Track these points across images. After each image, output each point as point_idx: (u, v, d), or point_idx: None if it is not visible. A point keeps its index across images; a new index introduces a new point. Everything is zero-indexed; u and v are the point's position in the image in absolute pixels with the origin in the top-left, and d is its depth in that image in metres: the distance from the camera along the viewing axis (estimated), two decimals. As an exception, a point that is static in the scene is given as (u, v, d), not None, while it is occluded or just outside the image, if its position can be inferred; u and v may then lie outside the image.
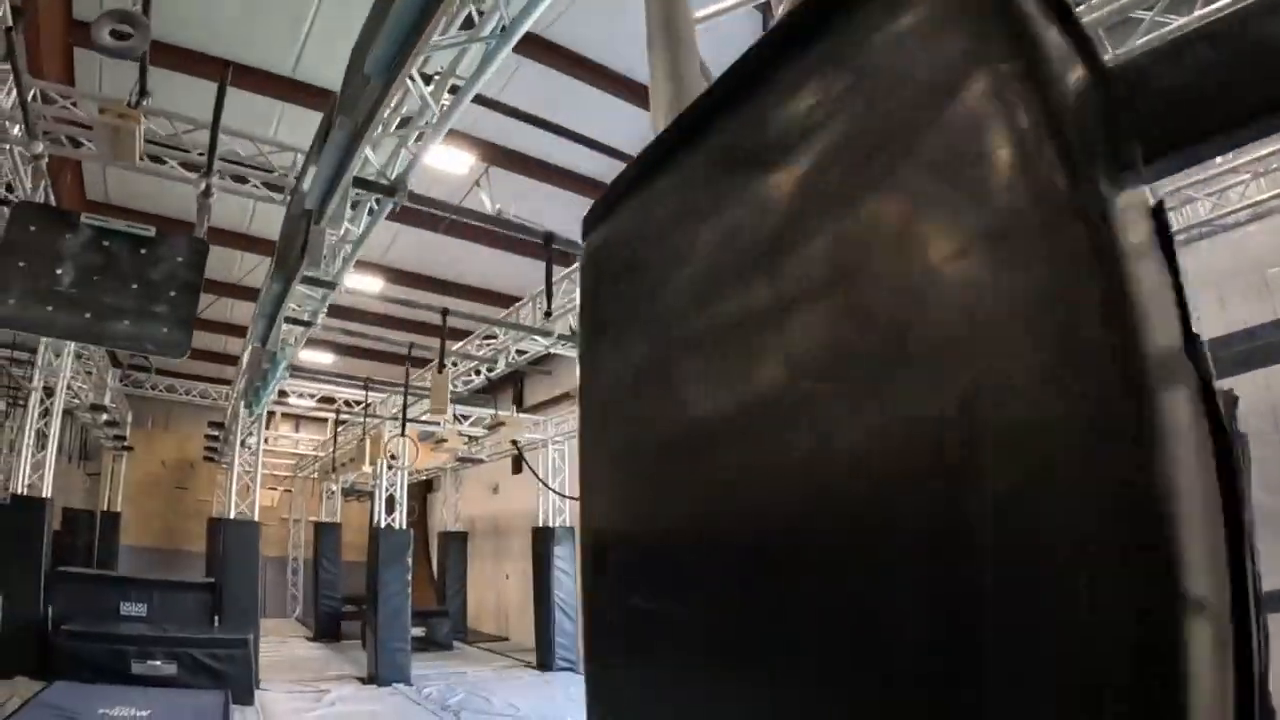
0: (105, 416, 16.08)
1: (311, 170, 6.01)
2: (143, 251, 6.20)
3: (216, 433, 17.53)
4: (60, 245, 6.19)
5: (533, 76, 9.29)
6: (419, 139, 5.88)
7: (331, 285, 7.84)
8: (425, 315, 14.37)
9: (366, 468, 12.07)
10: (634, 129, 10.18)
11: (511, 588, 20.16)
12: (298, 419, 22.40)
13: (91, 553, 17.65)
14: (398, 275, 14.69)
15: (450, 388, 7.68)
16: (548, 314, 8.00)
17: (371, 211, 6.76)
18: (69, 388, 13.51)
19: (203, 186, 6.63)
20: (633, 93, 9.54)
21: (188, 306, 6.30)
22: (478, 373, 12.73)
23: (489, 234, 13.03)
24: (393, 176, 6.22)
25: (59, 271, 6.13)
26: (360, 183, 6.14)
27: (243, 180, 7.75)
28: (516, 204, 10.65)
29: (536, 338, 10.01)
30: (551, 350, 10.43)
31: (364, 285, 14.46)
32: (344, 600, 19.11)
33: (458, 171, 10.45)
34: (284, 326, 8.70)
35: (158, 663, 10.00)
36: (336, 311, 12.53)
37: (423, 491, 24.69)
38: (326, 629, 18.43)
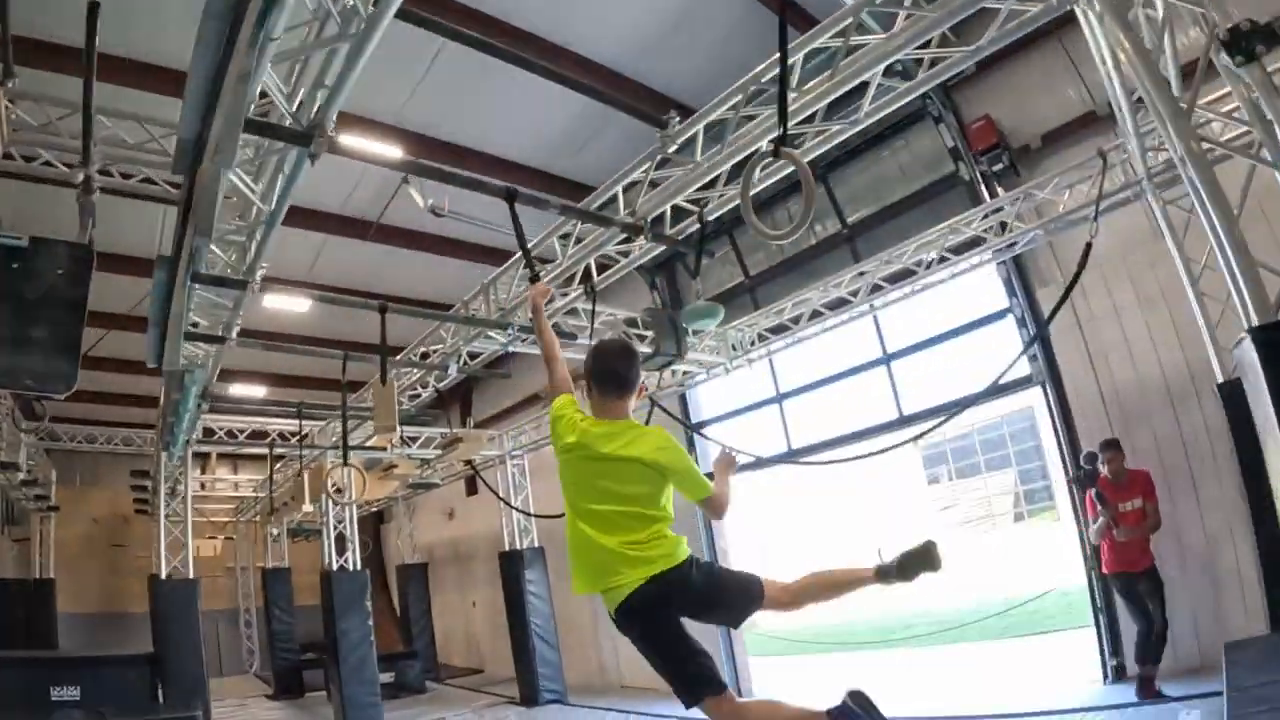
0: (20, 476, 14.55)
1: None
2: (14, 266, 4.98)
3: (144, 482, 16.17)
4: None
5: (458, 56, 8.27)
6: (334, 63, 4.42)
7: (241, 284, 6.59)
8: (363, 331, 13.34)
9: (308, 506, 10.84)
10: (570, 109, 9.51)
11: (479, 616, 19.16)
12: (234, 459, 21.03)
13: (25, 626, 16.12)
14: (326, 291, 13.50)
15: (397, 403, 6.49)
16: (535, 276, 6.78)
17: (284, 175, 5.38)
18: None
19: (80, 179, 5.38)
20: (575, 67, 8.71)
21: (71, 329, 5.12)
22: (424, 385, 11.46)
23: (422, 238, 12.12)
24: (305, 121, 4.72)
25: None
26: (258, 127, 4.62)
27: (129, 177, 6.51)
28: (451, 199, 9.63)
29: (493, 333, 8.80)
30: (511, 349, 9.25)
31: (290, 305, 13.50)
32: (302, 649, 17.88)
33: (384, 164, 9.39)
34: (189, 346, 7.51)
35: (100, 758, 8.76)
36: (262, 337, 11.49)
37: (374, 524, 23.44)
38: (287, 683, 17.15)
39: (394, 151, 8.30)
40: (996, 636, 13.55)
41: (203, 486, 19.71)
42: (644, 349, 8.59)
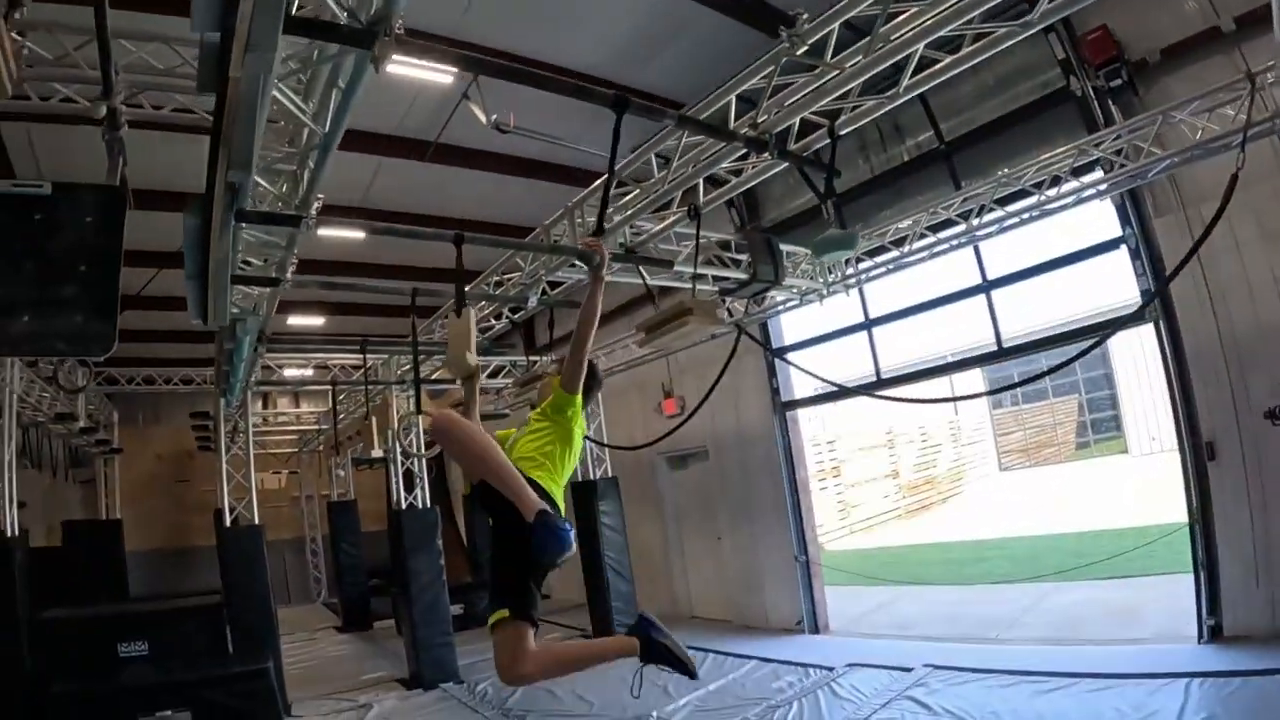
0: (80, 425, 14.47)
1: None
2: (36, 218, 4.35)
3: (204, 422, 16.01)
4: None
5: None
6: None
7: (295, 220, 5.75)
8: (423, 256, 12.73)
9: (377, 450, 10.40)
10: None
11: (546, 544, 18.74)
12: (296, 394, 20.95)
13: (96, 567, 16.34)
14: (382, 218, 12.86)
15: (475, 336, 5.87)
16: (600, 228, 6.01)
17: (340, 88, 4.42)
18: (28, 399, 12.16)
19: (103, 112, 4.75)
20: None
21: (106, 284, 4.49)
22: (498, 316, 10.76)
23: (485, 158, 11.40)
24: (365, 17, 3.67)
25: None
26: (306, 26, 3.64)
27: (160, 107, 5.79)
28: (517, 114, 8.90)
29: (578, 262, 8.08)
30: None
31: (345, 234, 12.96)
32: (369, 576, 17.83)
33: (441, 81, 8.72)
34: (240, 291, 6.92)
35: (169, 713, 8.49)
36: (318, 270, 10.99)
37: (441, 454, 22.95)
38: (355, 614, 17.18)
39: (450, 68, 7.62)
40: (1076, 577, 12.88)
41: (265, 420, 19.53)
42: (739, 275, 7.94)
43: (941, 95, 9.58)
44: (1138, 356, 28.38)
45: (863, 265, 9.85)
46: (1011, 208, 8.53)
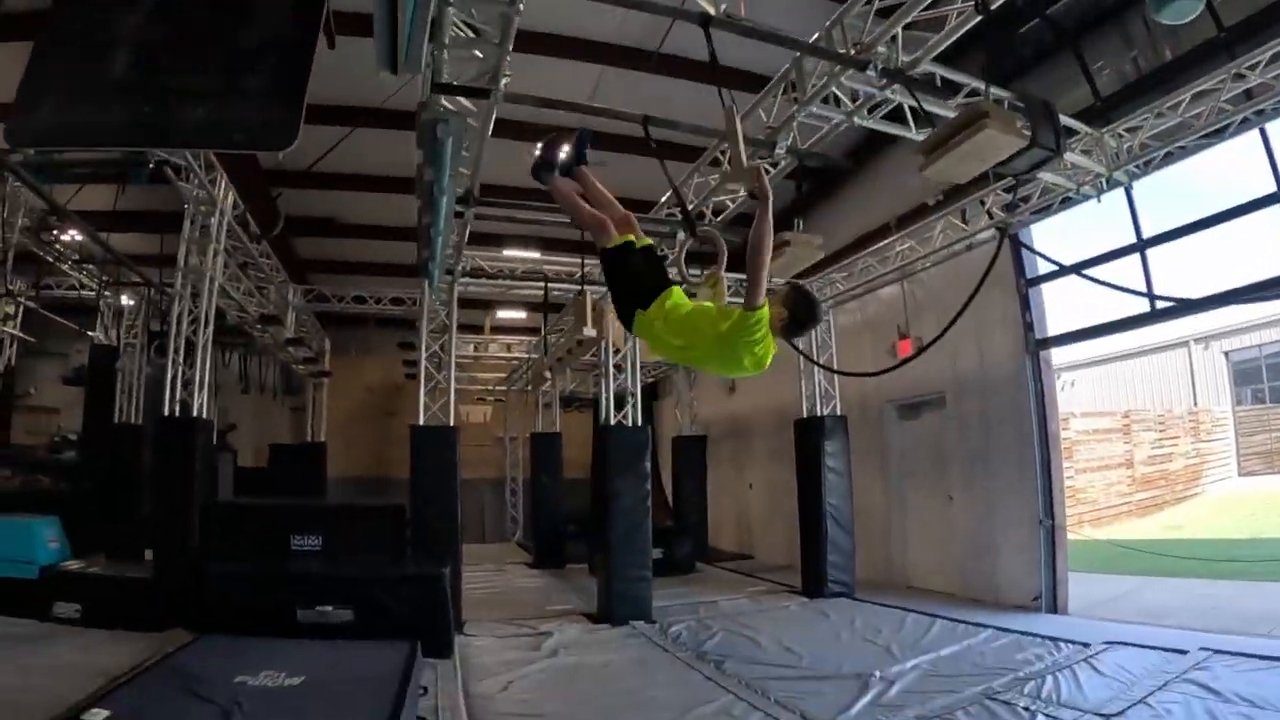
0: (286, 334, 14.82)
1: None
2: (233, 6, 4.43)
3: (412, 356, 15.86)
4: (115, 24, 4.36)
5: None
6: None
7: None
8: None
9: (589, 330, 9.50)
10: None
11: (755, 499, 17.83)
12: (507, 338, 20.67)
13: (298, 487, 16.63)
14: (604, 140, 12.08)
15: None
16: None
17: None
18: (231, 297, 12.10)
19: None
20: None
21: (295, 75, 4.30)
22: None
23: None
24: None
25: (110, 60, 4.27)
26: None
27: None
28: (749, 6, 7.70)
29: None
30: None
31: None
32: (567, 520, 17.27)
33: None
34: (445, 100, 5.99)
35: (329, 609, 7.91)
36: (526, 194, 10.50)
37: (647, 400, 22.41)
38: (548, 553, 16.59)
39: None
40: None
41: (475, 349, 19.29)
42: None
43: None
44: None
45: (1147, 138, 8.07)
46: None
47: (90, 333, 14.03)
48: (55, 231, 12.09)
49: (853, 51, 5.92)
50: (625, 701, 6.68)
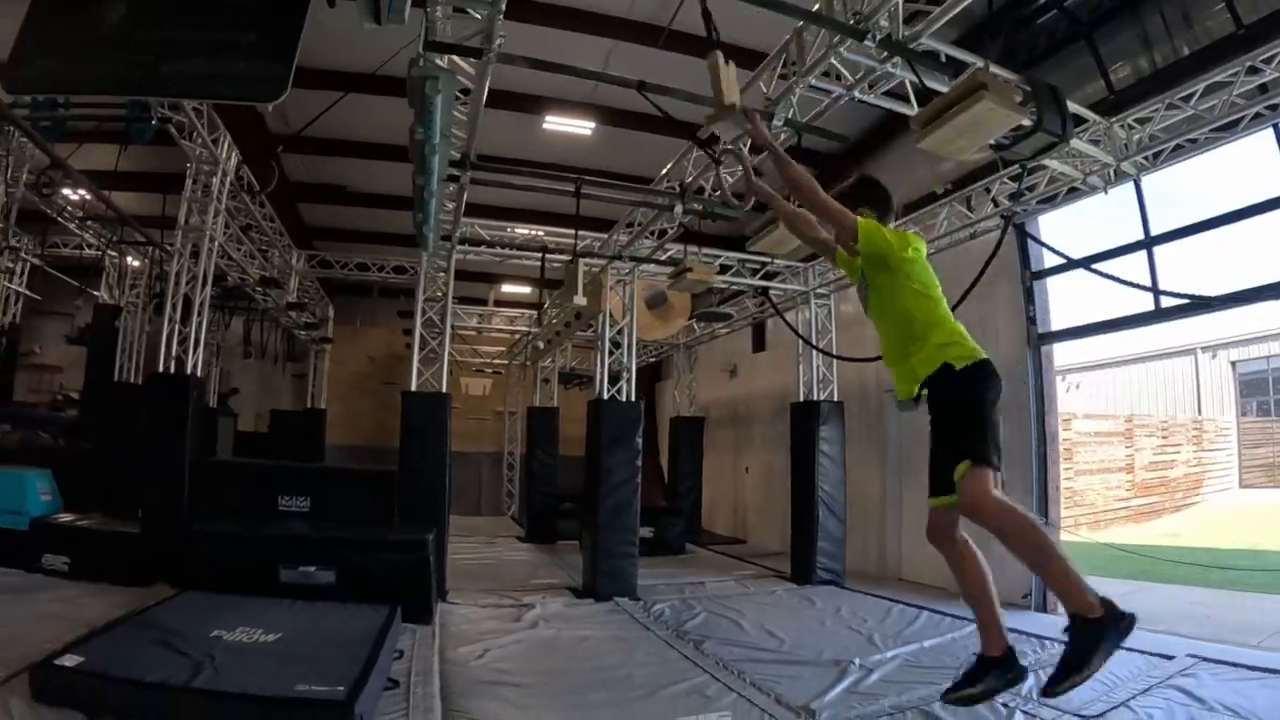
0: (288, 298, 14.86)
1: None
2: None
3: (410, 324, 15.95)
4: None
5: None
6: None
7: None
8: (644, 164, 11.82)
9: (579, 298, 9.49)
10: None
11: (750, 484, 17.85)
12: (510, 311, 20.68)
13: (297, 452, 16.75)
14: (613, 111, 12.55)
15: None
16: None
17: None
18: (231, 258, 12.34)
19: None
20: None
21: (287, 29, 4.42)
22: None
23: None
24: None
25: (106, 13, 4.47)
26: None
27: None
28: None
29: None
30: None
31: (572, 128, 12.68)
32: (561, 497, 17.23)
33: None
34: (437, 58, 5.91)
35: (312, 569, 7.92)
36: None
37: (649, 381, 22.75)
38: (540, 528, 16.61)
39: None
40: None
41: (479, 320, 19.41)
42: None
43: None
44: None
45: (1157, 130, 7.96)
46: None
47: (95, 292, 14.08)
48: (60, 188, 12.11)
49: (851, 21, 5.82)
50: (599, 676, 6.67)
